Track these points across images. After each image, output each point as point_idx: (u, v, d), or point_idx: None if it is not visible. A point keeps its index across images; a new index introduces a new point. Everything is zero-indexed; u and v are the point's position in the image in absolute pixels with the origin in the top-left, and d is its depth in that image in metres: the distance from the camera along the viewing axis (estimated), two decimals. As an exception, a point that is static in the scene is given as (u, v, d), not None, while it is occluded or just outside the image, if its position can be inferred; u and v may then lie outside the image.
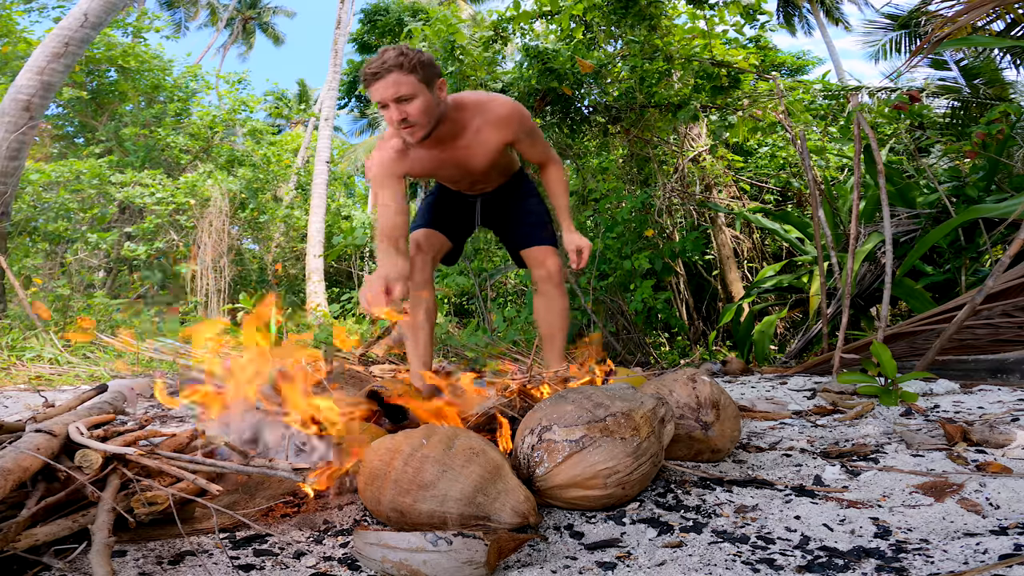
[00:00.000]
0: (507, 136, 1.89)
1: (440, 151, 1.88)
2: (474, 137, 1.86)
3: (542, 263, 2.12)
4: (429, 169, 1.95)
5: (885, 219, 2.93)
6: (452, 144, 1.86)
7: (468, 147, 1.88)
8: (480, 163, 1.93)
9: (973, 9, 2.90)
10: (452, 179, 2.07)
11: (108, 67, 10.52)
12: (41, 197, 8.48)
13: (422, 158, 1.90)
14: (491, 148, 1.89)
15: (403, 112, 1.64)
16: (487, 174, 2.05)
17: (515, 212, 2.19)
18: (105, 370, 4.01)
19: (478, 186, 2.14)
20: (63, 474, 0.99)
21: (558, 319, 2.12)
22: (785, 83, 5.78)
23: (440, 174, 2.02)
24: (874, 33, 8.38)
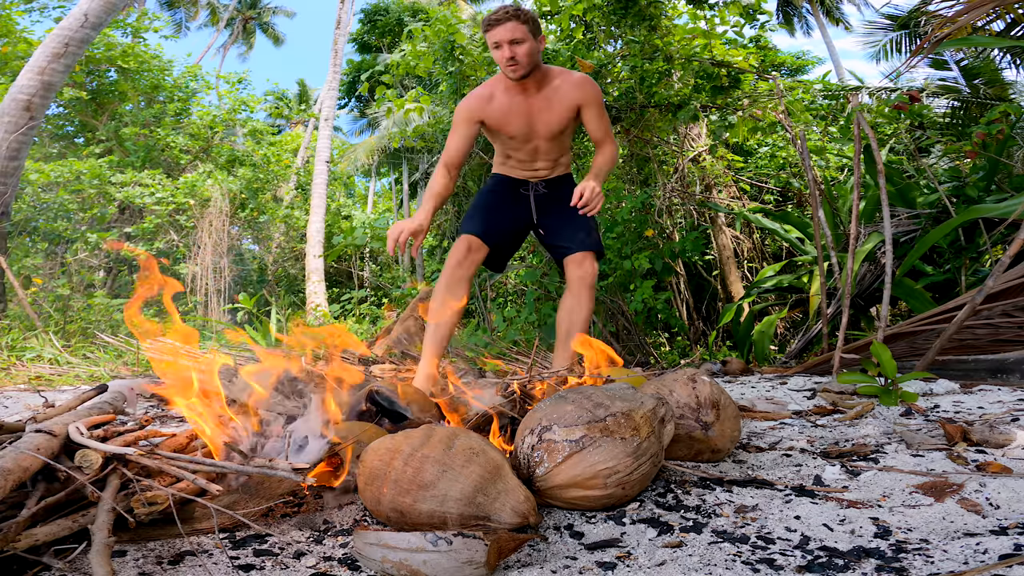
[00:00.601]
0: (581, 97, 2.14)
1: (523, 99, 2.13)
2: (554, 92, 2.14)
3: (580, 264, 2.20)
4: (508, 119, 2.15)
5: (885, 219, 2.93)
6: (535, 93, 2.13)
7: (547, 99, 2.13)
8: (552, 121, 2.14)
9: (973, 9, 2.90)
10: (521, 136, 2.18)
11: (108, 67, 10.53)
12: (41, 197, 8.49)
13: (503, 105, 2.15)
14: (565, 106, 2.13)
15: (513, 51, 1.99)
16: (550, 144, 2.20)
17: (565, 214, 2.25)
18: (105, 370, 4.01)
19: (539, 163, 2.23)
20: (63, 474, 0.99)
21: (582, 322, 2.18)
22: (785, 83, 5.78)
23: (514, 127, 2.16)
24: (874, 33, 8.38)
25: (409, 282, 8.32)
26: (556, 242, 2.30)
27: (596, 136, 2.24)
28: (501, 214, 2.28)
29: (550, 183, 2.32)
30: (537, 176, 2.30)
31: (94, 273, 9.28)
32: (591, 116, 2.20)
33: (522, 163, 2.28)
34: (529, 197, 2.31)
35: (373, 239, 10.39)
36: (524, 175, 2.31)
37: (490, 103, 2.16)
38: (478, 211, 2.29)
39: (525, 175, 2.31)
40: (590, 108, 2.18)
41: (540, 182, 2.31)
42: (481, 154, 5.15)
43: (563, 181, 2.35)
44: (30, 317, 5.43)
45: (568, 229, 2.25)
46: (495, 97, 2.16)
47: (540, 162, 2.27)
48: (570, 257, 2.22)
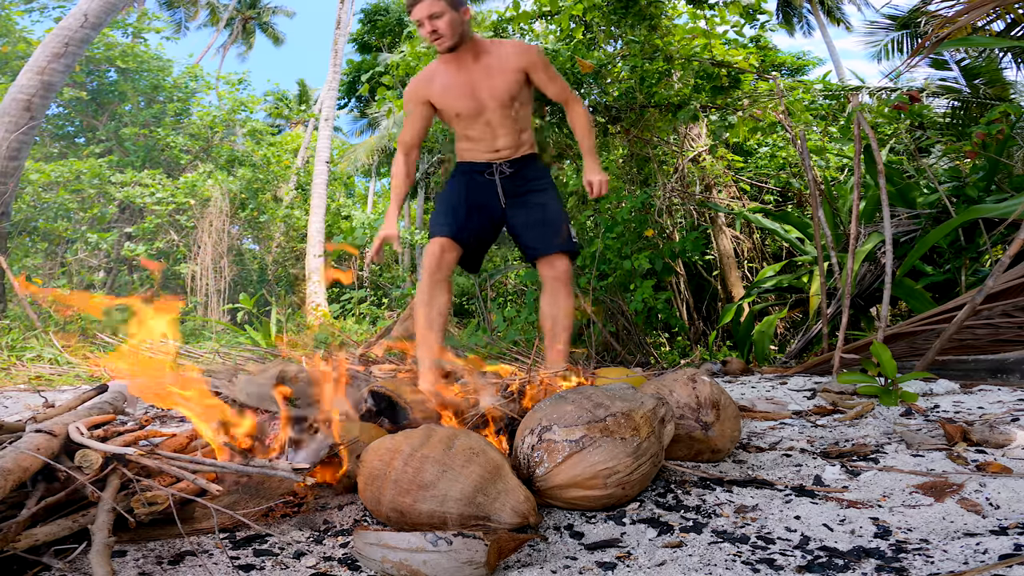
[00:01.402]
0: (523, 61, 2.10)
1: (463, 73, 2.10)
2: (495, 60, 2.10)
3: (552, 265, 2.17)
4: (450, 94, 2.12)
5: (885, 219, 2.93)
6: (474, 65, 2.10)
7: (487, 67, 2.10)
8: (497, 90, 2.09)
9: (973, 9, 2.90)
10: (469, 111, 2.13)
11: (108, 67, 10.53)
12: (41, 197, 8.48)
13: (444, 81, 2.13)
14: (508, 72, 2.09)
15: (434, 25, 1.98)
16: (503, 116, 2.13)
17: (534, 211, 2.21)
18: (105, 370, 4.00)
19: (498, 140, 2.18)
20: (63, 474, 0.99)
21: (564, 319, 2.16)
22: (785, 83, 5.78)
23: (459, 102, 2.13)
24: (875, 33, 8.38)
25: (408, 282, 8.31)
26: (526, 242, 2.24)
27: (558, 97, 2.21)
28: (470, 210, 2.22)
29: (515, 164, 2.23)
30: (500, 156, 2.22)
31: (94, 273, 9.28)
32: (542, 79, 2.15)
33: (480, 142, 2.21)
34: (495, 182, 2.23)
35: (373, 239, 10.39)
36: (486, 157, 2.23)
37: (432, 82, 2.16)
38: (446, 210, 2.23)
39: (487, 157, 2.23)
40: (537, 71, 2.13)
41: (504, 163, 2.22)
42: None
43: (528, 164, 2.27)
44: (30, 317, 5.43)
45: (537, 229, 2.20)
46: (436, 75, 2.15)
47: (499, 139, 2.19)
48: (541, 259, 2.19)
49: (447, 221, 2.18)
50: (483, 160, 2.23)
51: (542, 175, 2.28)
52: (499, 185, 2.22)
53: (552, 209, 2.23)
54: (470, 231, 2.19)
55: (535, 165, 2.28)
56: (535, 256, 2.21)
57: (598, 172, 2.18)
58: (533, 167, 2.26)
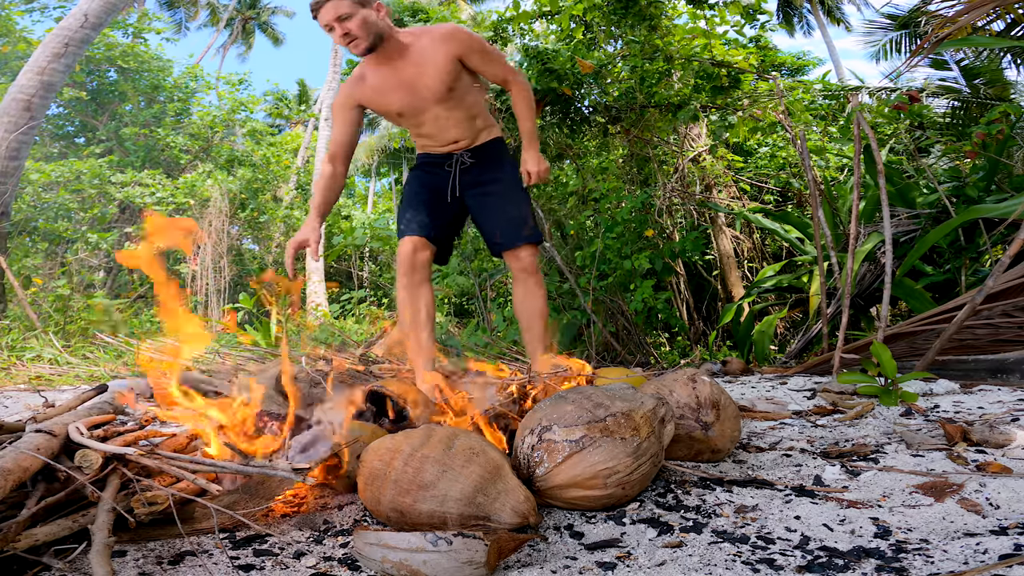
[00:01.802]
0: (453, 49, 1.96)
1: (392, 71, 1.99)
2: (420, 55, 1.97)
3: (518, 257, 2.14)
4: (385, 96, 2.02)
5: (885, 219, 2.93)
6: (402, 62, 1.98)
7: (417, 65, 1.97)
8: (433, 84, 1.97)
9: (973, 9, 2.90)
10: (410, 110, 2.04)
11: (108, 67, 10.53)
12: (41, 197, 8.49)
13: (375, 82, 2.01)
14: (440, 64, 1.96)
15: (345, 28, 1.85)
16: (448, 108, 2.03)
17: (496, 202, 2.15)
18: (105, 370, 4.01)
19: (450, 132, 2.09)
20: (63, 474, 0.99)
21: (537, 308, 2.15)
22: (785, 83, 5.78)
23: (395, 102, 2.02)
24: (875, 33, 8.38)
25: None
26: (490, 237, 2.20)
27: (497, 79, 2.09)
28: (435, 205, 2.15)
29: (476, 152, 2.15)
30: (458, 147, 2.13)
31: (94, 273, 9.28)
32: (479, 62, 2.02)
33: (433, 137, 2.12)
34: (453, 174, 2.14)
35: (373, 239, 10.39)
36: (444, 149, 2.15)
37: (362, 84, 2.04)
38: (414, 207, 2.15)
39: (446, 149, 2.14)
40: (472, 55, 2.00)
41: (464, 152, 2.14)
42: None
43: (491, 151, 2.17)
44: (30, 317, 5.43)
45: (498, 220, 2.14)
46: (366, 77, 2.03)
47: (452, 131, 2.09)
48: (507, 251, 2.15)
49: (416, 219, 2.11)
50: (442, 152, 2.16)
51: (504, 163, 2.19)
52: (457, 176, 2.14)
53: (514, 200, 2.16)
54: (438, 227, 2.13)
55: (497, 152, 2.19)
56: (500, 250, 2.18)
57: (535, 160, 2.10)
58: (495, 155, 2.18)
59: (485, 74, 2.08)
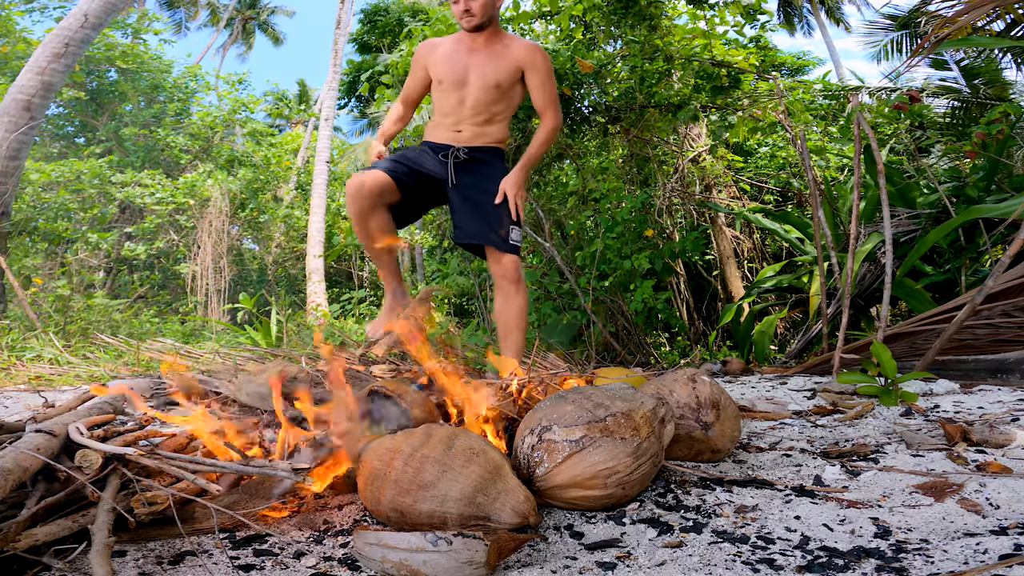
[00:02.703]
0: (527, 60, 2.13)
1: (468, 49, 2.16)
2: (501, 48, 2.14)
3: (499, 261, 2.15)
4: (443, 62, 2.17)
5: (885, 219, 2.92)
6: (482, 46, 2.15)
7: (490, 52, 2.14)
8: (487, 71, 2.12)
9: (973, 9, 2.90)
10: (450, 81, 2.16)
11: (108, 67, 10.53)
12: (41, 197, 8.48)
13: (447, 51, 2.19)
14: (507, 61, 2.12)
15: (468, 5, 2.05)
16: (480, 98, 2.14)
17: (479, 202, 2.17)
18: (105, 370, 4.01)
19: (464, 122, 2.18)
20: (63, 474, 0.99)
21: (514, 317, 2.16)
22: (785, 83, 5.78)
23: (448, 69, 2.16)
24: (875, 33, 8.37)
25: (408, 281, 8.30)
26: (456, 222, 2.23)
27: (538, 104, 2.20)
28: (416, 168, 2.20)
29: (472, 152, 2.20)
30: (460, 140, 2.20)
31: (94, 273, 9.28)
32: (535, 83, 2.16)
33: (448, 117, 2.21)
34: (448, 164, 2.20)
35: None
36: (447, 137, 2.22)
37: (436, 48, 2.22)
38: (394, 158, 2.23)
39: (448, 137, 2.21)
40: (535, 73, 2.15)
41: (462, 148, 2.20)
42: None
43: (487, 156, 2.23)
44: (30, 317, 5.43)
45: (479, 222, 2.16)
46: (444, 45, 2.21)
47: (465, 122, 2.19)
48: (489, 251, 2.17)
49: (387, 162, 2.18)
50: (443, 140, 2.22)
51: (498, 171, 2.22)
52: (451, 167, 2.20)
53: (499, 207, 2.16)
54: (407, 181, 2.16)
55: (495, 160, 2.24)
56: (461, 239, 2.21)
57: (515, 184, 2.14)
58: (491, 161, 2.23)
59: (533, 94, 2.20)
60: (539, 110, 2.21)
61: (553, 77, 2.19)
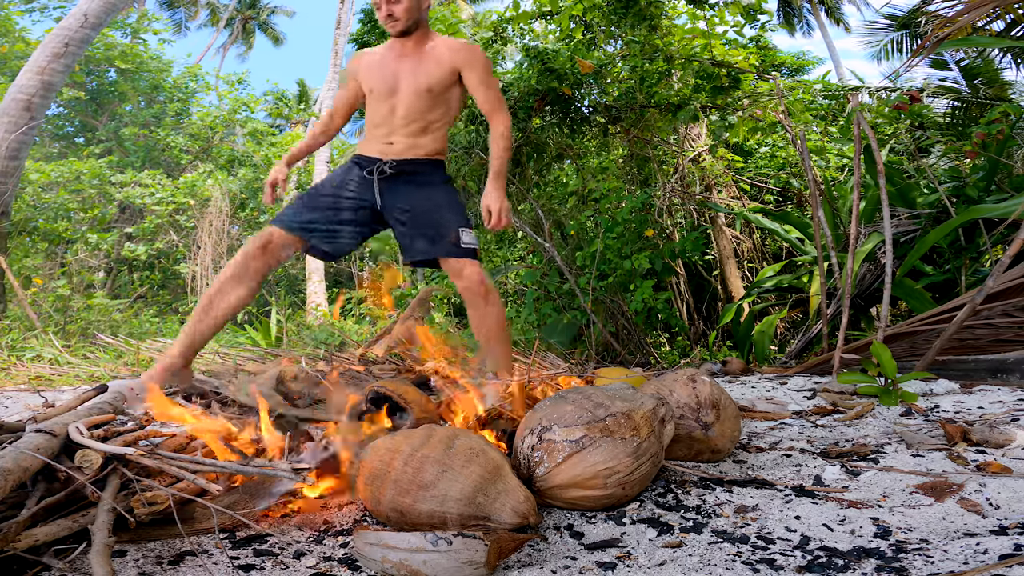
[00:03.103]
0: (461, 59, 2.03)
1: (398, 55, 2.06)
2: (430, 51, 2.05)
3: (459, 274, 2.00)
4: (373, 70, 2.08)
5: (885, 219, 2.92)
6: (411, 51, 2.05)
7: (421, 57, 2.04)
8: (418, 76, 2.02)
9: (973, 9, 2.90)
10: (380, 90, 2.05)
11: (108, 67, 10.53)
12: (41, 197, 8.48)
13: (376, 59, 2.10)
14: (439, 64, 2.03)
15: (391, 9, 1.97)
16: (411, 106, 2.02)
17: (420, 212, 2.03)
18: (105, 370, 4.01)
19: (395, 133, 2.04)
20: (63, 474, 0.99)
21: (493, 330, 2.01)
22: (785, 83, 5.78)
23: (378, 77, 2.06)
24: (875, 33, 8.37)
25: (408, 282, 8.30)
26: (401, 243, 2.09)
27: (483, 106, 2.07)
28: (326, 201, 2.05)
29: (402, 165, 2.05)
30: (389, 152, 2.06)
31: (94, 273, 9.28)
32: (474, 82, 2.03)
33: (378, 129, 2.08)
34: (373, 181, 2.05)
35: (373, 239, 10.36)
36: (377, 150, 2.08)
37: (364, 56, 2.14)
38: (299, 200, 2.09)
39: (378, 149, 2.07)
40: (472, 72, 2.03)
41: (390, 161, 2.05)
42: (481, 154, 5.15)
43: (420, 168, 2.07)
44: (30, 317, 5.43)
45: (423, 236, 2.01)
46: (375, 53, 2.12)
47: (398, 132, 2.05)
48: (445, 265, 2.01)
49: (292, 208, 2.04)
50: (371, 154, 2.09)
51: (435, 182, 2.09)
52: (376, 184, 2.05)
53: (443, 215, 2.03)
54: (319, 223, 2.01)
55: (431, 171, 2.10)
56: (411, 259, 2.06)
57: (497, 199, 2.00)
58: (425, 172, 2.09)
59: (475, 95, 2.07)
60: (486, 112, 2.08)
61: (492, 74, 2.07)
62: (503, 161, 2.08)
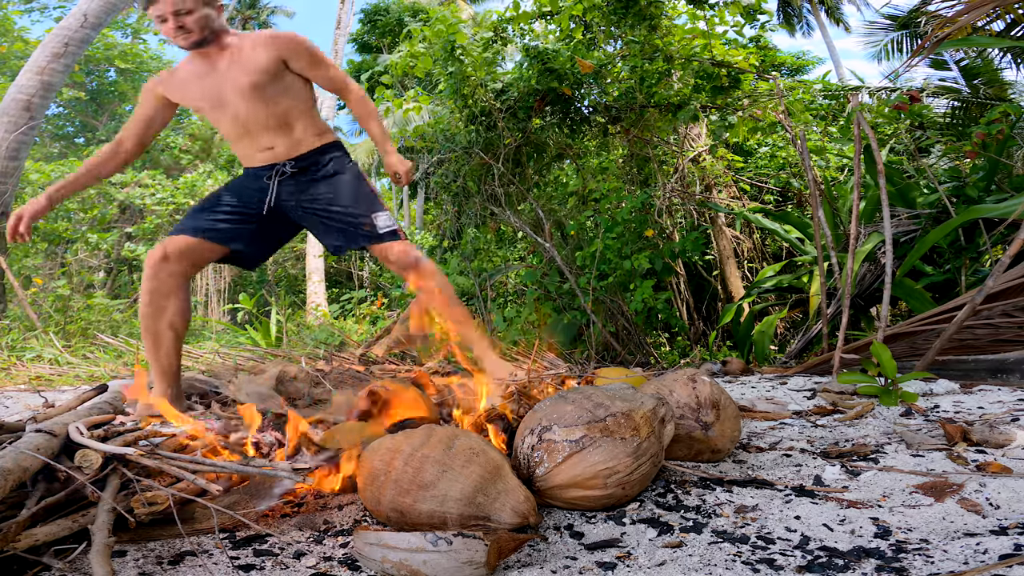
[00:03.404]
0: (275, 53, 1.89)
1: (207, 64, 1.90)
2: (240, 53, 1.90)
3: (386, 257, 1.97)
4: (188, 85, 1.93)
5: (885, 219, 2.92)
6: (219, 56, 1.90)
7: (232, 58, 1.89)
8: (239, 77, 1.87)
9: (973, 9, 2.90)
10: (210, 102, 1.93)
11: (108, 67, 10.54)
12: (41, 197, 8.48)
13: (184, 76, 1.93)
14: (257, 62, 1.88)
15: (180, 22, 1.77)
16: (253, 109, 1.90)
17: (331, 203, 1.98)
18: (105, 370, 4.01)
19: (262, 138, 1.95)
20: (63, 474, 0.99)
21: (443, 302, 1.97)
22: (785, 83, 5.78)
23: (197, 92, 1.93)
24: (875, 33, 8.38)
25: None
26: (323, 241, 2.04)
27: (330, 86, 2.01)
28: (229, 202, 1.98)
29: (300, 160, 1.98)
30: (276, 155, 1.97)
31: (94, 273, 9.28)
32: (305, 65, 1.94)
33: (241, 142, 1.98)
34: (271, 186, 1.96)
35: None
36: (262, 159, 1.98)
37: (172, 75, 1.96)
38: (199, 207, 2.00)
39: (263, 158, 1.98)
40: (299, 60, 1.92)
41: (287, 163, 1.97)
42: (480, 154, 5.15)
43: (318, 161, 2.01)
44: (30, 317, 5.43)
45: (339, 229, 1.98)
46: (181, 70, 1.95)
47: (263, 137, 1.95)
48: (374, 252, 1.99)
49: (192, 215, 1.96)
50: (264, 163, 1.99)
51: (332, 168, 2.02)
52: (275, 188, 1.97)
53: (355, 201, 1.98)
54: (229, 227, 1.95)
55: (328, 158, 2.03)
56: (338, 253, 2.03)
57: (399, 160, 1.99)
58: (325, 161, 2.02)
59: (316, 79, 2.00)
60: (333, 88, 2.03)
61: (314, 48, 1.96)
62: (380, 125, 2.05)
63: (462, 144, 5.22)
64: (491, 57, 5.10)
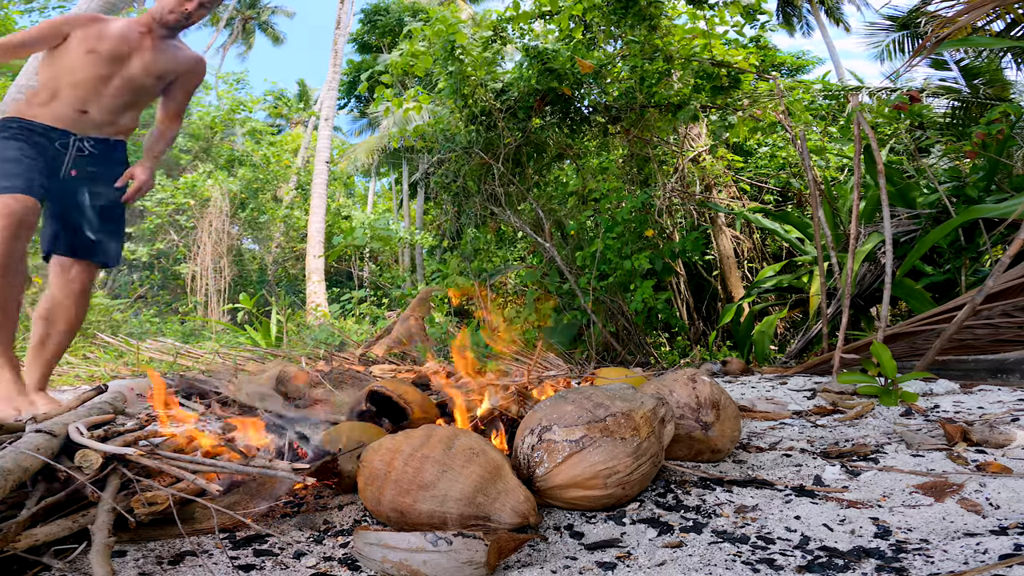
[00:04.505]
0: (183, 65, 2.11)
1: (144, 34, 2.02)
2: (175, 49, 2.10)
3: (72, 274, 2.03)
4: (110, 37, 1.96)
5: (885, 219, 2.92)
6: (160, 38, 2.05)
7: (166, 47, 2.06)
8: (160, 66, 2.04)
9: (973, 9, 2.90)
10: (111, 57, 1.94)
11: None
12: (41, 197, 8.48)
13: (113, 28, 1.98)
14: (177, 63, 2.09)
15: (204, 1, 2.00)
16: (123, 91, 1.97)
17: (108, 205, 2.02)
18: (105, 370, 4.01)
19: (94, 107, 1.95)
20: (63, 474, 0.99)
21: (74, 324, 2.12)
22: (785, 83, 5.78)
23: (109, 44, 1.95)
24: (876, 34, 8.38)
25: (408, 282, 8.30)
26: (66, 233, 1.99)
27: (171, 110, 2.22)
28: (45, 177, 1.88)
29: (100, 144, 2.01)
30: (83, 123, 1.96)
31: (94, 273, 9.27)
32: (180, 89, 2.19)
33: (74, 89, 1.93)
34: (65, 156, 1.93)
35: (373, 239, 10.38)
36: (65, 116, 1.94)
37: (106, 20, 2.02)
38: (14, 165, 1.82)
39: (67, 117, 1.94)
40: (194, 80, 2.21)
41: (87, 139, 1.97)
42: (481, 154, 5.15)
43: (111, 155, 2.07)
44: (30, 317, 5.43)
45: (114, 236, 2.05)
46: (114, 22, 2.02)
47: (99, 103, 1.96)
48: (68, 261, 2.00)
49: (17, 172, 1.81)
50: (61, 126, 1.93)
51: (118, 170, 2.06)
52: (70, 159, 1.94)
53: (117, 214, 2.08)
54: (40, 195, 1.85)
55: (117, 156, 2.07)
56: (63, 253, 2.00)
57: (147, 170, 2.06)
58: (114, 157, 2.06)
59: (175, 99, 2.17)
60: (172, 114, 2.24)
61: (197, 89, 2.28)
62: (162, 151, 2.20)
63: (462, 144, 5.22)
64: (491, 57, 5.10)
